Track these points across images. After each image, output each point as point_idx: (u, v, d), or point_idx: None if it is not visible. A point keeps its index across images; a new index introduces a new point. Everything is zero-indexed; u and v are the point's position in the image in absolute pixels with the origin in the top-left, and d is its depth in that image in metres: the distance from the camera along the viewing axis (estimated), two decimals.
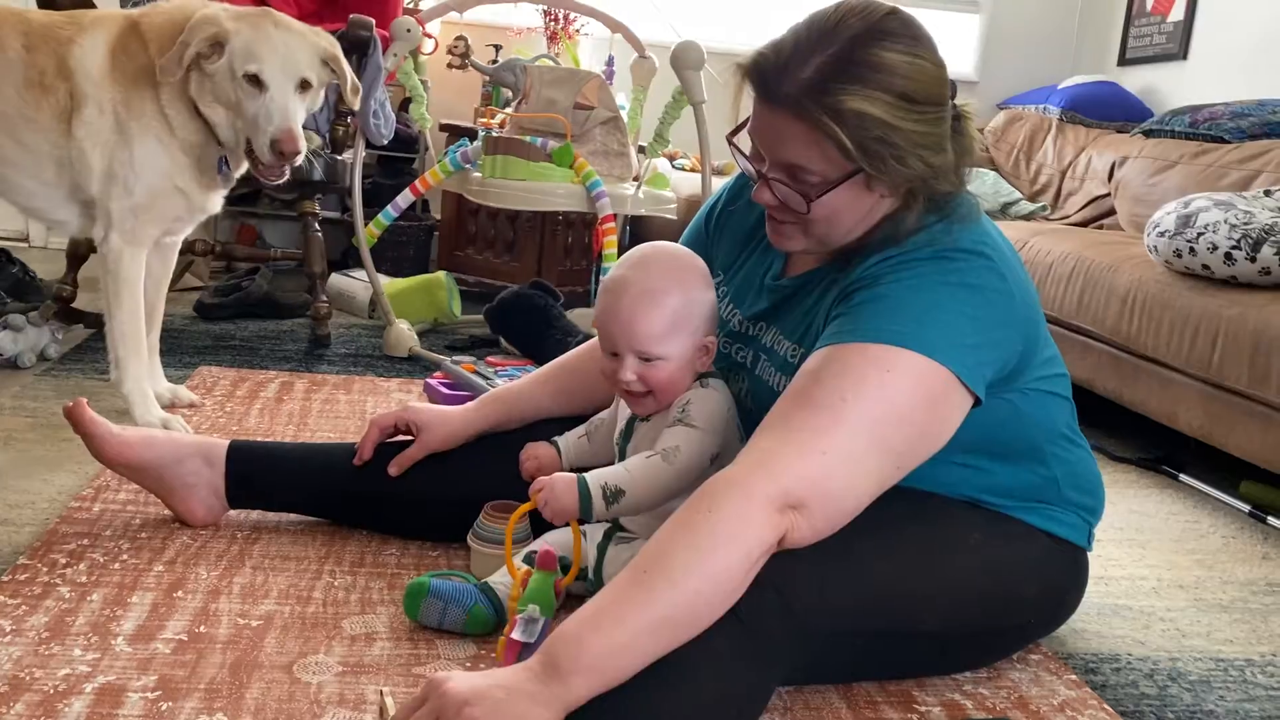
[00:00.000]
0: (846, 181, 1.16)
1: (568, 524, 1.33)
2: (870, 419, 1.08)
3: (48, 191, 1.93)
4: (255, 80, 1.83)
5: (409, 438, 1.53)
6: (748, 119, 1.21)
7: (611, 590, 1.01)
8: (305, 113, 1.91)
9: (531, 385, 1.57)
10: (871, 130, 1.12)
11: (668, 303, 1.27)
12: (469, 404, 1.57)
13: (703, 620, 1.01)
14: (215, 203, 2.02)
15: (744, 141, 1.23)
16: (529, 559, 1.37)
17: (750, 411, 1.34)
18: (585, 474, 1.25)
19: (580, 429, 1.49)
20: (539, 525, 1.43)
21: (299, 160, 1.88)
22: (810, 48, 1.13)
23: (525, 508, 1.30)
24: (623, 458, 1.36)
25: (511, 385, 1.59)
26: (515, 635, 1.19)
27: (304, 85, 1.89)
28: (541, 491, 1.24)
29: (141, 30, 1.89)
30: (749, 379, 1.36)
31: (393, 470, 1.50)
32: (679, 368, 1.29)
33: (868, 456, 1.08)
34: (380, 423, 1.53)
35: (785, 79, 1.13)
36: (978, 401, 1.16)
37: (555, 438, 1.49)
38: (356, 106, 2.09)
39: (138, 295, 1.95)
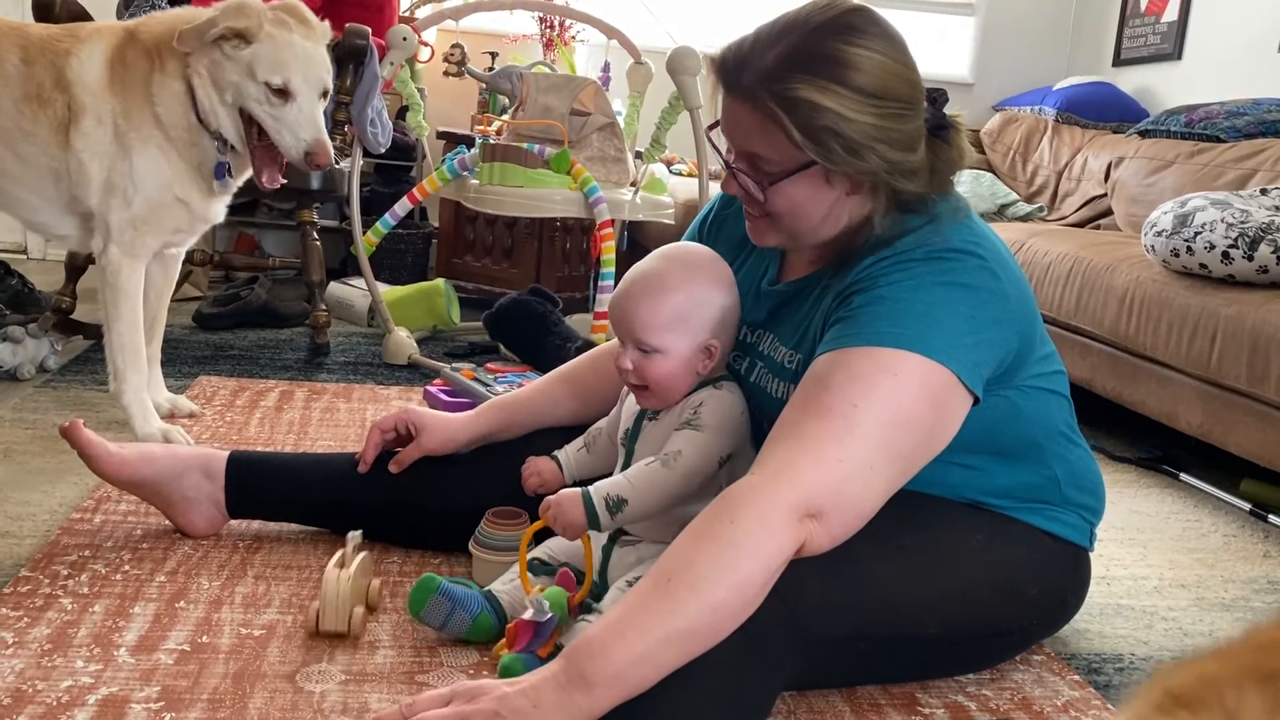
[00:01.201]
0: (801, 172, 1.18)
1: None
2: (880, 424, 1.08)
3: (48, 205, 1.93)
4: (281, 91, 1.84)
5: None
6: None
7: (634, 599, 1.01)
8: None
9: (532, 393, 1.58)
10: (818, 119, 1.13)
11: (670, 296, 1.28)
12: (470, 410, 1.57)
13: (723, 631, 1.02)
14: (217, 213, 2.02)
15: (721, 137, 1.27)
16: (533, 566, 1.37)
17: (751, 416, 1.35)
18: (589, 487, 1.26)
19: (579, 441, 1.49)
20: (542, 532, 1.44)
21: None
22: (771, 41, 1.17)
23: (536, 526, 1.31)
24: (629, 458, 1.36)
25: (512, 393, 1.59)
26: (527, 616, 1.21)
27: (324, 93, 1.91)
28: (550, 510, 1.26)
29: (139, 39, 1.89)
30: (746, 386, 1.36)
31: (392, 468, 1.51)
32: (677, 365, 1.29)
33: (880, 462, 1.09)
34: (382, 425, 1.53)
35: (745, 70, 1.17)
36: (976, 400, 1.17)
37: (555, 452, 1.49)
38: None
39: (137, 307, 1.95)
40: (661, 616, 0.99)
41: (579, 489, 1.27)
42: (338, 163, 2.73)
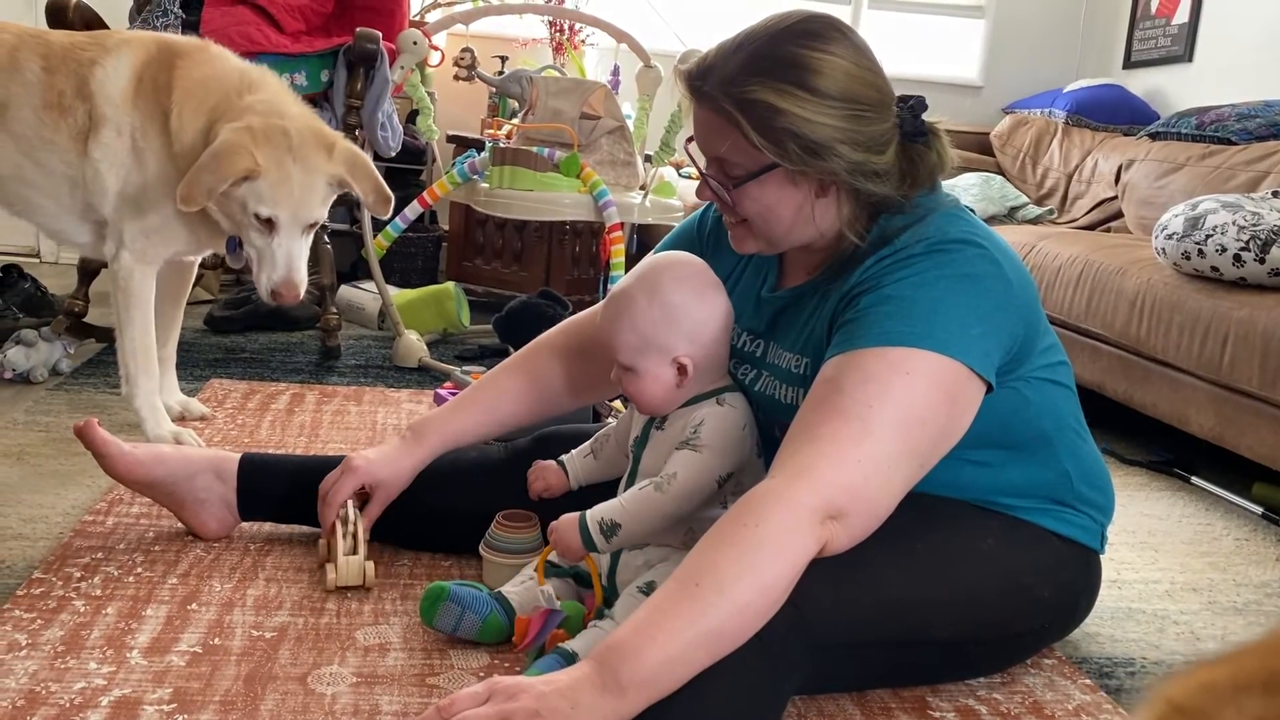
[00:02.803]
0: (766, 174, 1.21)
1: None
2: (896, 423, 1.09)
3: (64, 212, 1.93)
4: (268, 221, 1.79)
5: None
6: None
7: (662, 603, 1.02)
8: (307, 248, 1.87)
9: (456, 412, 1.53)
10: (775, 120, 1.16)
11: (633, 317, 1.30)
12: (406, 441, 1.50)
13: (749, 632, 1.03)
14: (220, 243, 2.00)
15: (698, 149, 1.30)
16: (547, 568, 1.38)
17: (761, 425, 1.35)
18: (587, 511, 1.28)
19: (585, 447, 1.50)
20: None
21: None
22: (733, 49, 1.21)
23: (547, 552, 1.33)
24: (637, 465, 1.36)
25: (437, 413, 1.53)
26: (541, 605, 1.26)
27: (311, 225, 1.85)
28: (552, 535, 1.30)
29: (174, 74, 1.83)
30: (754, 396, 1.36)
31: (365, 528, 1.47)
32: (651, 382, 1.31)
33: (897, 460, 1.10)
34: (334, 501, 1.46)
35: (708, 78, 1.21)
36: (990, 388, 1.18)
37: (562, 457, 1.50)
38: (385, 215, 1.99)
39: (148, 312, 1.95)
40: (691, 620, 1.00)
41: (576, 514, 1.28)
42: None
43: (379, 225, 2.92)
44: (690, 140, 1.29)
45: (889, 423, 1.09)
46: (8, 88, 1.85)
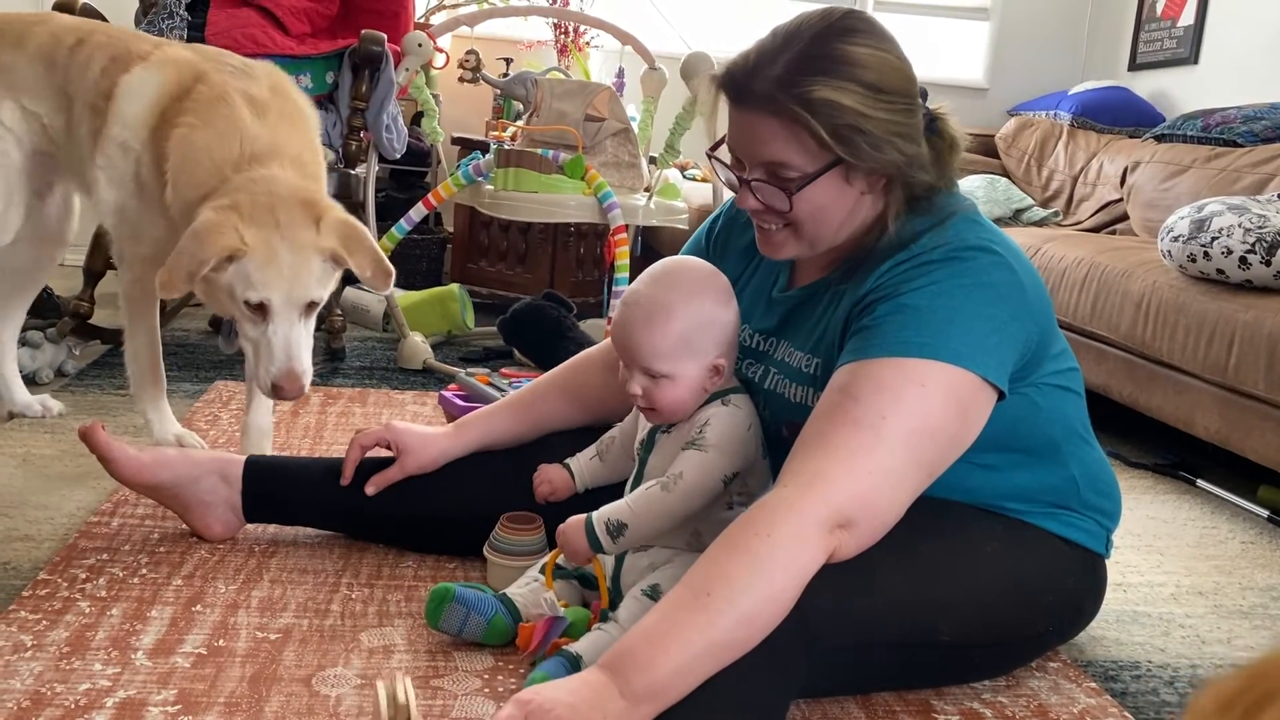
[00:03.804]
0: (826, 174, 1.19)
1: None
2: (909, 434, 1.10)
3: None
4: (260, 307, 1.57)
5: (391, 454, 1.53)
6: (726, 134, 1.25)
7: (673, 612, 1.02)
8: (308, 332, 1.63)
9: (531, 400, 1.58)
10: (842, 118, 1.15)
11: (675, 323, 1.27)
12: (448, 429, 1.55)
13: (754, 641, 1.03)
14: None
15: (725, 155, 1.27)
16: (557, 572, 1.38)
17: (767, 424, 1.35)
18: (593, 513, 1.28)
19: (591, 449, 1.50)
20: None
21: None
22: (776, 49, 1.19)
23: (555, 555, 1.34)
24: (643, 469, 1.36)
25: (483, 411, 1.58)
26: (540, 611, 1.28)
27: (310, 306, 1.62)
28: (559, 537, 1.30)
29: (173, 131, 1.67)
30: (761, 394, 1.36)
31: (370, 490, 1.51)
32: (687, 388, 1.29)
33: (907, 470, 1.10)
34: (362, 441, 1.53)
35: (756, 79, 1.18)
36: (1002, 396, 1.18)
37: (568, 460, 1.50)
38: (386, 290, 1.76)
39: (153, 321, 1.93)
40: (702, 630, 1.00)
41: (582, 516, 1.28)
42: (353, 169, 2.75)
43: (383, 228, 2.92)
44: (717, 146, 1.26)
45: (901, 433, 1.09)
46: (77, 84, 1.82)
